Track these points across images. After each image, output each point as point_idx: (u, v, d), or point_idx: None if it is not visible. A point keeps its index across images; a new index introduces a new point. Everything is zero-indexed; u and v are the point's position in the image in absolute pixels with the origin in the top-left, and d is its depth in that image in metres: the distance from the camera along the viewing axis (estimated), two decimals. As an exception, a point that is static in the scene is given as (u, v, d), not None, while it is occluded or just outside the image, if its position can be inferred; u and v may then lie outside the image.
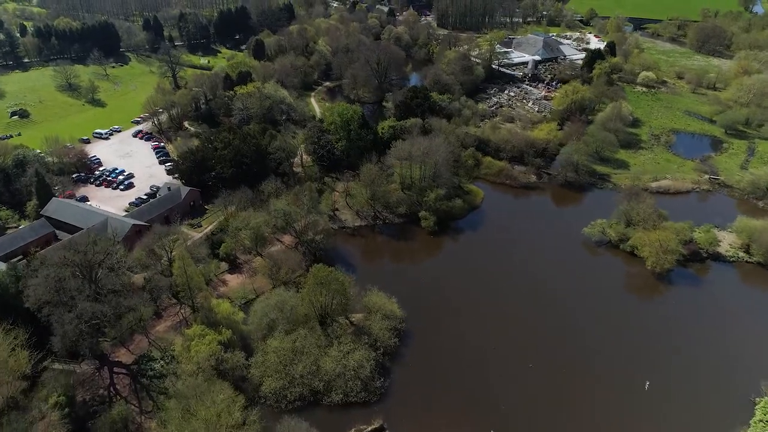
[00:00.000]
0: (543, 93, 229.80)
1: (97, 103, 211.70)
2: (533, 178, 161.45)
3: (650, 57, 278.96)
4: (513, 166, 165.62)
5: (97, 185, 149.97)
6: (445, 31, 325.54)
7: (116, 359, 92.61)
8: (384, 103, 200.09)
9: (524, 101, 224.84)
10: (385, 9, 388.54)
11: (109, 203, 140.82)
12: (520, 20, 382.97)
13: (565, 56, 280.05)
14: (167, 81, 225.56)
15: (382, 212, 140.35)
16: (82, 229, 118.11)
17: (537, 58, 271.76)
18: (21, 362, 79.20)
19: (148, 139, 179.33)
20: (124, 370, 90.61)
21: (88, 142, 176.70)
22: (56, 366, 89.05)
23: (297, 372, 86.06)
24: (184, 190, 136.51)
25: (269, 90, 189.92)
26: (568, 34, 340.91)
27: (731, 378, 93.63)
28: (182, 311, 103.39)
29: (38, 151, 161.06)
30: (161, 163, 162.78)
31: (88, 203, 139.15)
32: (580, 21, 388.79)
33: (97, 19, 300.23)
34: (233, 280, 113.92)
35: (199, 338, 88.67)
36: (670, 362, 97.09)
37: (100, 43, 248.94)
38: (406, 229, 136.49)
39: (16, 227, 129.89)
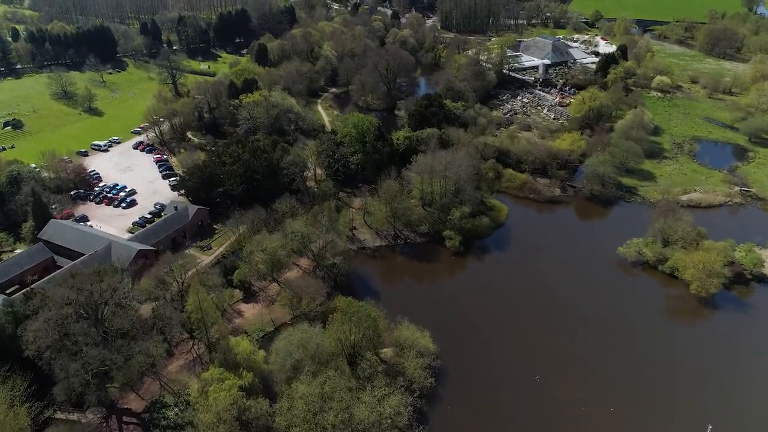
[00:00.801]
0: (557, 99, 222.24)
1: (94, 112, 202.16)
2: (557, 191, 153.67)
3: (662, 60, 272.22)
4: (535, 178, 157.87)
5: (98, 203, 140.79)
6: (450, 34, 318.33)
7: (125, 406, 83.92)
8: (396, 112, 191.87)
9: (539, 108, 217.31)
10: (388, 11, 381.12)
11: (110, 223, 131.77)
12: (524, 22, 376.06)
13: (575, 60, 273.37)
14: (167, 88, 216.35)
15: (402, 231, 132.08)
16: (84, 254, 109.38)
17: (547, 62, 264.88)
18: (20, 418, 70.30)
19: (149, 151, 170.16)
20: (134, 419, 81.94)
21: (86, 155, 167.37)
22: (59, 416, 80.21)
23: (328, 422, 77.61)
24: (192, 209, 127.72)
25: (276, 98, 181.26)
26: (575, 36, 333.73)
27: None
28: (196, 348, 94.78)
29: (33, 165, 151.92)
30: (165, 177, 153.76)
31: (89, 223, 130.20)
32: (585, 23, 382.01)
33: (92, 23, 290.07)
34: (249, 310, 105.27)
35: (218, 383, 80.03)
36: (731, 399, 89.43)
37: (96, 48, 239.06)
38: (429, 249, 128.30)
39: (11, 251, 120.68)
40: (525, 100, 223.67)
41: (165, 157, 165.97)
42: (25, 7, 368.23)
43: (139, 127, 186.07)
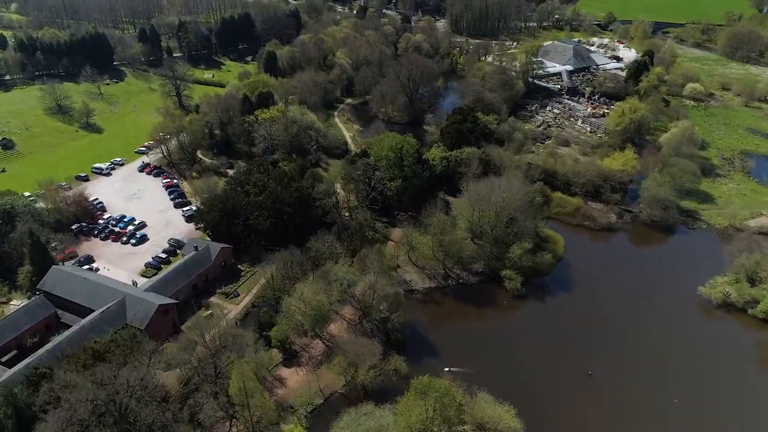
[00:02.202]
0: (589, 109, 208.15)
1: (92, 128, 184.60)
2: (613, 217, 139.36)
3: (688, 66, 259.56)
4: (587, 202, 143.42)
5: (103, 239, 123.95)
6: (460, 38, 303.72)
7: None
8: (425, 127, 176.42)
9: (571, 119, 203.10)
10: (392, 13, 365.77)
11: (119, 264, 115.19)
12: (535, 24, 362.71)
13: (597, 65, 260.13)
14: (171, 101, 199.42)
15: (452, 269, 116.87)
16: (92, 309, 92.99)
17: (569, 68, 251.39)
18: None
19: (157, 175, 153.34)
20: None
21: (86, 179, 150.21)
22: None
23: None
24: (214, 248, 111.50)
25: (295, 113, 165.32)
26: (592, 40, 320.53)
27: None
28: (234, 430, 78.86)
29: (28, 194, 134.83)
30: (177, 206, 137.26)
31: (94, 266, 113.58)
32: (598, 25, 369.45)
33: (84, 28, 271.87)
34: (292, 377, 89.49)
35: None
36: None
37: (92, 57, 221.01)
38: (484, 291, 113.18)
39: (6, 302, 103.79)
40: (556, 110, 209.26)
41: (176, 181, 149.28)
42: (11, 11, 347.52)
43: (144, 146, 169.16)
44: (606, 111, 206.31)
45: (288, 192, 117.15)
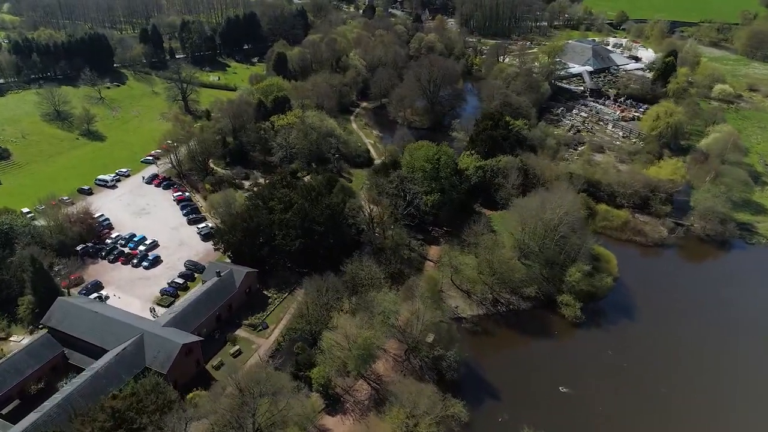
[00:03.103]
0: (619, 113, 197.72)
1: (93, 135, 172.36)
2: (664, 231, 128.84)
3: (712, 66, 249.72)
4: (634, 215, 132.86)
5: (112, 261, 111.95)
6: (473, 38, 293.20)
7: None
8: (453, 133, 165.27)
9: (600, 123, 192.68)
10: (399, 13, 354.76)
11: (131, 291, 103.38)
12: (546, 24, 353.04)
13: (617, 66, 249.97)
14: (177, 106, 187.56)
15: (500, 293, 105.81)
16: (105, 349, 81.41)
17: (589, 68, 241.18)
18: None
19: (167, 187, 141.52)
20: None
21: (90, 192, 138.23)
22: None
23: None
24: (239, 273, 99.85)
25: (313, 119, 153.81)
26: (606, 39, 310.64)
27: None
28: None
29: (26, 210, 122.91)
30: (191, 222, 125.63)
31: (104, 293, 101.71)
32: (609, 24, 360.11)
33: (80, 29, 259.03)
34: (337, 427, 78.15)
35: None
36: None
37: (91, 59, 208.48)
38: (537, 318, 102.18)
39: (5, 338, 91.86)
40: (583, 114, 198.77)
41: (187, 194, 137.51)
42: (3, 12, 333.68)
43: (150, 155, 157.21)
44: (636, 114, 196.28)
45: (318, 208, 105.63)
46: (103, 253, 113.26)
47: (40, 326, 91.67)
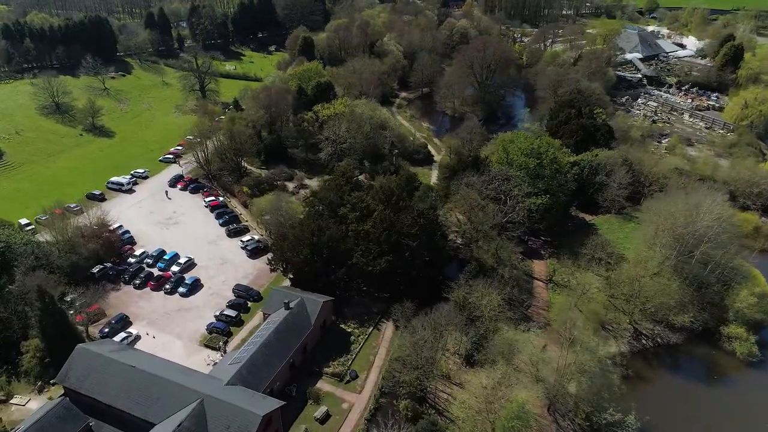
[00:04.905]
0: (693, 102, 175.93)
1: (100, 131, 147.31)
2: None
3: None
4: (761, 218, 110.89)
5: (138, 287, 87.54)
6: (508, 26, 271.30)
7: None
8: (525, 125, 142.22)
9: (674, 113, 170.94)
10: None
11: (169, 329, 79.20)
12: (572, 12, 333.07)
13: (667, 53, 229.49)
14: (194, 97, 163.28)
15: (640, 321, 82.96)
16: (149, 423, 57.31)
17: (638, 55, 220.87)
18: None
19: (195, 190, 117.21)
20: None
21: (102, 198, 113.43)
22: None
23: None
24: (312, 303, 75.94)
25: (363, 109, 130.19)
26: (647, 27, 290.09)
27: None
28: None
29: (25, 221, 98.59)
30: (231, 234, 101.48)
31: (132, 332, 77.41)
32: (639, 12, 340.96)
33: (79, 17, 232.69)
34: None
35: None
36: None
37: (92, 46, 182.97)
38: (696, 355, 79.42)
39: (5, 401, 67.37)
40: (652, 103, 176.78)
41: (221, 199, 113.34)
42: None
43: (170, 153, 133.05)
44: (709, 103, 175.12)
45: (409, 217, 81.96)
46: (127, 277, 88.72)
47: (52, 382, 67.63)
